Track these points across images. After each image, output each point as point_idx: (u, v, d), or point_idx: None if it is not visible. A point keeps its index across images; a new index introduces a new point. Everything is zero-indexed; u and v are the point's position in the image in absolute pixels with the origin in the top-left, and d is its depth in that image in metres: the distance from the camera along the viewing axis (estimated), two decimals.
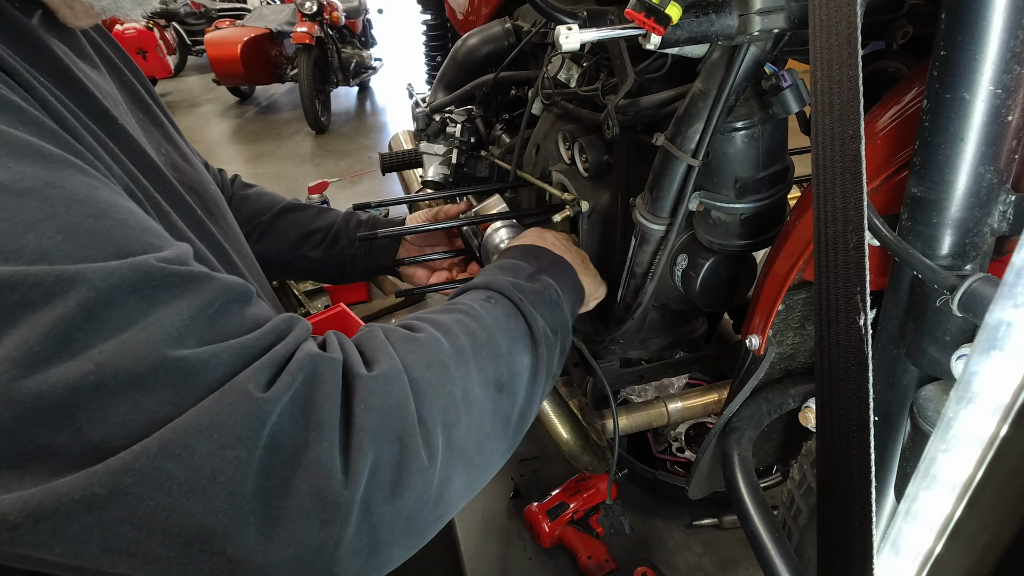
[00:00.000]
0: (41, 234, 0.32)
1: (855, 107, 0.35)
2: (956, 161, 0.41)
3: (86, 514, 0.30)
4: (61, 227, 0.33)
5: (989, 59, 0.38)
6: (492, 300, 0.57)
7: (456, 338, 0.49)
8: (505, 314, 0.56)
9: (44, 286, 0.31)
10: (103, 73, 0.57)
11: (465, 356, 0.48)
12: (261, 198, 0.95)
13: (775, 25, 0.56)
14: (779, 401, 0.76)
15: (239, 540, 0.33)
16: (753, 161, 0.70)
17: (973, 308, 0.39)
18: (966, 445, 0.33)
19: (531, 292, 0.60)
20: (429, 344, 0.46)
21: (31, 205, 0.32)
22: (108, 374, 0.31)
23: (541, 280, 0.64)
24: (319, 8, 4.41)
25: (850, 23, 0.34)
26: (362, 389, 0.39)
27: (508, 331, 0.54)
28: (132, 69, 0.66)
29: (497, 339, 0.52)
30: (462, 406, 0.45)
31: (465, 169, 1.29)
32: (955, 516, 0.35)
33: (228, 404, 0.33)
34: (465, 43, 1.28)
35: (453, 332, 0.49)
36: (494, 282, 0.60)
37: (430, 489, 0.41)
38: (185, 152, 0.67)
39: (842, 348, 0.37)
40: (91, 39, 0.59)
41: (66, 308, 0.31)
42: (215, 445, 0.33)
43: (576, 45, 0.55)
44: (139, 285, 0.34)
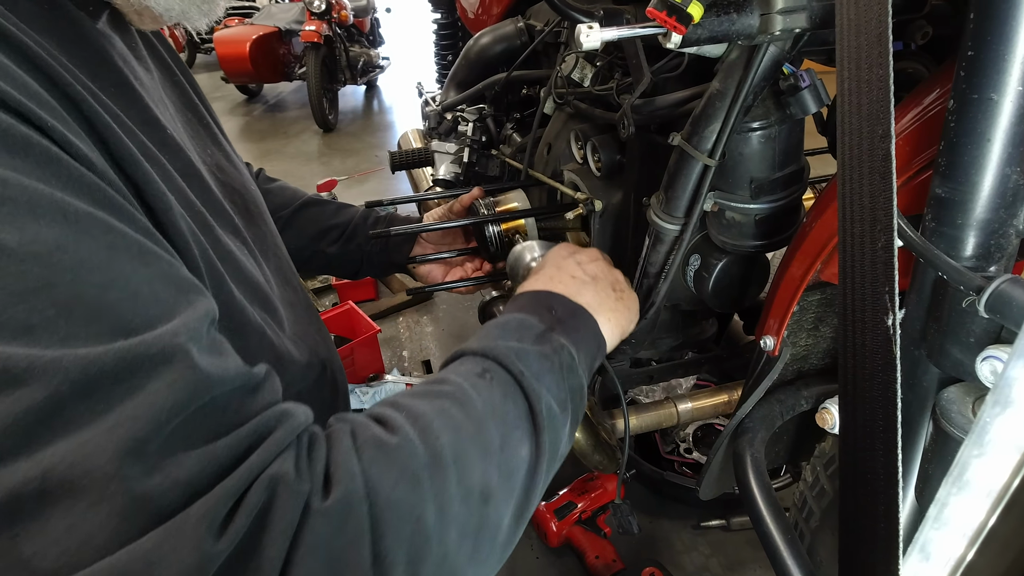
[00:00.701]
0: (32, 307, 0.29)
1: (886, 107, 0.35)
2: (982, 162, 0.41)
3: None
4: (58, 299, 0.30)
5: (1018, 60, 0.38)
6: (487, 376, 0.48)
7: (436, 439, 0.41)
8: (502, 393, 0.48)
9: (13, 372, 0.28)
10: (154, 76, 0.57)
11: (444, 464, 0.40)
12: (283, 192, 0.96)
13: (796, 25, 0.56)
14: (791, 402, 0.76)
15: None
16: (769, 162, 0.70)
17: (1000, 309, 0.39)
18: (1002, 451, 0.32)
19: (537, 359, 0.51)
20: (402, 451, 0.39)
21: (32, 272, 0.30)
22: (53, 482, 0.28)
23: (552, 341, 0.54)
24: (327, 7, 4.42)
25: (881, 22, 0.34)
26: (313, 526, 0.34)
27: (503, 417, 0.46)
28: (182, 67, 0.67)
29: (488, 431, 0.44)
30: (433, 532, 0.38)
31: (476, 168, 1.29)
32: (989, 523, 0.34)
33: (174, 548, 0.29)
34: (477, 42, 1.28)
35: (432, 430, 0.41)
36: (494, 349, 0.51)
37: None
38: (228, 152, 0.68)
39: (869, 348, 0.37)
40: (144, 36, 0.60)
41: (31, 401, 0.28)
42: None
43: (597, 44, 0.55)
44: (120, 376, 0.30)
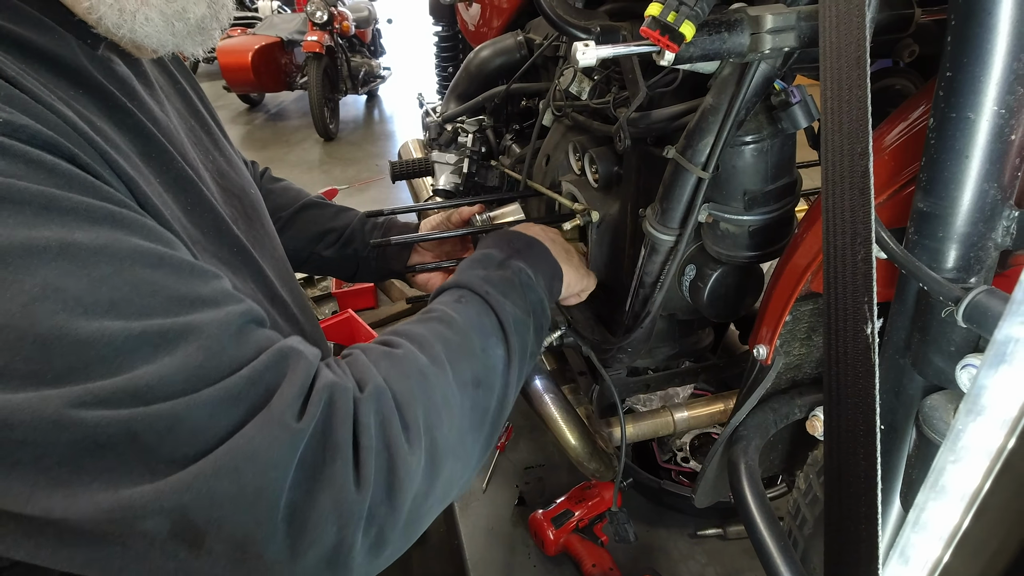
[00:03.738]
0: (112, 288, 0.37)
1: (864, 126, 0.36)
2: (961, 178, 0.43)
3: (154, 518, 0.36)
4: (127, 280, 0.38)
5: (993, 81, 0.40)
6: (463, 300, 0.62)
7: (431, 347, 0.53)
8: (476, 311, 0.61)
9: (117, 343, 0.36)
10: (156, 91, 0.59)
11: (441, 363, 0.53)
12: (286, 193, 0.98)
13: (785, 44, 0.58)
14: (785, 411, 0.77)
15: (274, 546, 0.38)
16: (762, 174, 0.71)
17: (977, 319, 0.40)
18: (974, 457, 0.34)
19: (500, 281, 0.64)
20: (407, 358, 0.51)
21: (104, 261, 0.38)
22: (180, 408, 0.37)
23: (511, 266, 0.68)
24: (329, 17, 4.46)
25: (859, 46, 0.36)
26: (361, 412, 0.44)
27: (480, 328, 0.59)
28: (184, 73, 0.69)
29: (471, 339, 0.57)
30: (443, 409, 0.50)
31: (476, 178, 1.31)
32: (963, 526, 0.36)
33: (270, 433, 0.39)
34: (478, 55, 1.30)
35: (428, 342, 0.54)
36: (464, 280, 0.65)
37: (420, 485, 0.46)
38: (230, 156, 0.70)
39: (850, 356, 0.38)
40: None
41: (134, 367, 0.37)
42: (260, 467, 0.38)
43: (593, 61, 0.57)
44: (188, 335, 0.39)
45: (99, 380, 0.35)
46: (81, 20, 0.48)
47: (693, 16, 0.53)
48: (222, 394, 0.38)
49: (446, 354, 0.54)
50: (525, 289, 0.66)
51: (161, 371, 0.37)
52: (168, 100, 0.62)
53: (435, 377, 0.51)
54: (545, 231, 0.81)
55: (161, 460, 0.36)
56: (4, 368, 0.34)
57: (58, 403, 0.34)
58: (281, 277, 0.66)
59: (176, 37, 0.51)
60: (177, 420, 0.37)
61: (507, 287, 0.64)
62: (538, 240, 0.75)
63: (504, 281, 0.65)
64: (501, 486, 1.56)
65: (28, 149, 0.38)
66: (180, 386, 0.37)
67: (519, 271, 0.67)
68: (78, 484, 0.35)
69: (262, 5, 5.48)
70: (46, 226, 0.36)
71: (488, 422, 0.56)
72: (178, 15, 0.49)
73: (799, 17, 0.58)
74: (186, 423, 0.37)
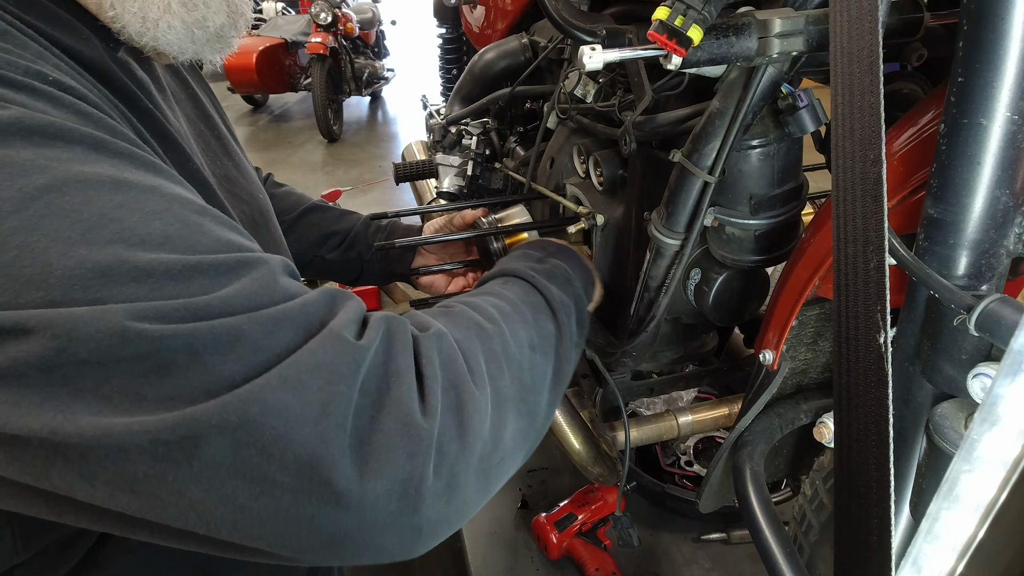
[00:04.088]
0: (165, 223, 0.38)
1: (876, 132, 0.36)
2: (973, 184, 0.42)
3: (220, 437, 0.35)
4: (178, 217, 0.39)
5: (1006, 86, 0.39)
6: (509, 282, 0.64)
7: (486, 310, 0.55)
8: (524, 290, 0.63)
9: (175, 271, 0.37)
10: (168, 96, 0.60)
11: (497, 322, 0.54)
12: (288, 197, 0.98)
13: (794, 48, 0.57)
14: (791, 416, 0.77)
15: (342, 470, 0.37)
16: (768, 179, 0.71)
17: (990, 328, 0.40)
18: (990, 467, 0.33)
19: (543, 271, 0.67)
20: (464, 314, 0.53)
21: (154, 199, 0.39)
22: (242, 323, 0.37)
23: (550, 262, 0.70)
24: (334, 19, 4.47)
25: (872, 51, 0.36)
26: (422, 345, 0.44)
27: (530, 304, 0.61)
28: (196, 77, 0.69)
29: (522, 310, 0.59)
30: (503, 360, 0.50)
31: (480, 181, 1.31)
32: (978, 537, 0.35)
33: (332, 347, 0.39)
34: (482, 57, 1.30)
35: (482, 306, 0.55)
36: (508, 268, 0.67)
37: (487, 429, 0.45)
38: (239, 162, 0.70)
39: (862, 365, 0.38)
40: None
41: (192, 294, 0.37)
42: (324, 381, 0.37)
43: (599, 65, 0.57)
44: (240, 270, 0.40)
45: (161, 300, 0.35)
46: (104, 25, 0.49)
47: (701, 20, 0.53)
48: (280, 315, 0.38)
49: (501, 317, 0.55)
50: (565, 282, 0.67)
51: (221, 296, 0.37)
52: (179, 105, 0.62)
53: (494, 331, 0.52)
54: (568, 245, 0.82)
55: (223, 380, 0.36)
56: (65, 296, 0.33)
57: (121, 315, 0.34)
58: None
59: (196, 44, 0.52)
60: (239, 335, 0.36)
61: (550, 276, 0.66)
62: (571, 248, 0.77)
63: (546, 272, 0.67)
64: (504, 489, 1.56)
65: (77, 102, 0.39)
66: (239, 306, 0.37)
67: (558, 266, 0.69)
68: (139, 410, 0.34)
69: (266, 7, 5.49)
70: (97, 163, 0.37)
71: (546, 387, 0.56)
72: (199, 24, 0.51)
73: (808, 21, 0.57)
74: (248, 338, 0.37)
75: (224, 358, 0.36)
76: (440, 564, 1.45)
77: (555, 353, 0.59)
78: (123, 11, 0.47)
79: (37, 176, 0.35)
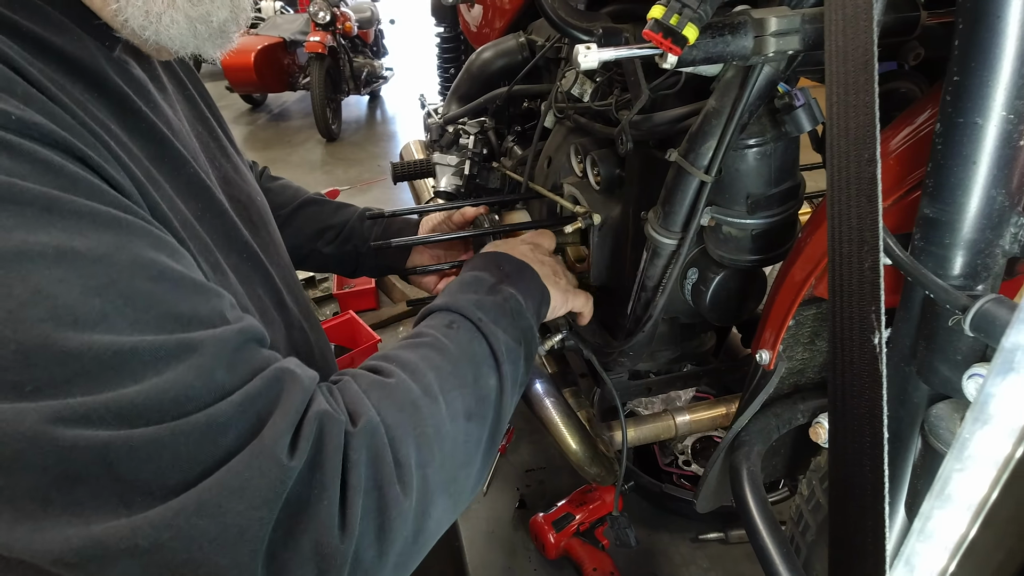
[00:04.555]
0: (106, 299, 0.35)
1: (871, 131, 0.36)
2: (968, 184, 0.42)
3: (129, 559, 0.33)
4: (123, 292, 0.36)
5: (1001, 86, 0.39)
6: (455, 326, 0.59)
7: (423, 376, 0.51)
8: (468, 338, 0.58)
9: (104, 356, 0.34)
10: (168, 95, 0.60)
11: (433, 394, 0.51)
12: (285, 191, 0.98)
13: (789, 47, 0.57)
14: (788, 416, 0.77)
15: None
16: (765, 178, 0.71)
17: (985, 328, 0.39)
18: (981, 466, 0.33)
19: (492, 307, 0.62)
20: (399, 389, 0.49)
21: (101, 271, 0.36)
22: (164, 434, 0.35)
23: (502, 291, 0.66)
24: (332, 18, 4.46)
25: (867, 50, 0.35)
26: (351, 447, 0.42)
27: (472, 357, 0.57)
28: (194, 80, 0.69)
29: (462, 369, 0.55)
30: (435, 443, 0.48)
31: (477, 180, 1.30)
32: (969, 535, 0.35)
33: (259, 468, 0.36)
34: (479, 56, 1.29)
35: (420, 371, 0.52)
36: (454, 303, 0.62)
37: (409, 526, 0.44)
38: (236, 163, 0.70)
39: (856, 366, 0.37)
40: None
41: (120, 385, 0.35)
42: (245, 506, 0.35)
43: (594, 64, 0.56)
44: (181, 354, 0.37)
45: (81, 396, 0.33)
46: (102, 23, 0.48)
47: (696, 19, 0.53)
48: (210, 421, 0.36)
49: (439, 384, 0.52)
50: (516, 316, 0.64)
51: (148, 391, 0.35)
52: (178, 105, 0.62)
53: (428, 408, 0.49)
54: (535, 251, 0.79)
55: (138, 492, 0.34)
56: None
57: (35, 417, 0.32)
58: (287, 283, 0.67)
59: (198, 40, 0.51)
60: (160, 447, 0.34)
61: (498, 314, 0.62)
62: (528, 265, 0.73)
63: (496, 307, 0.63)
64: (502, 489, 1.56)
65: (36, 148, 0.37)
66: (167, 409, 0.35)
67: (510, 297, 0.65)
68: (45, 518, 0.33)
69: (265, 5, 5.48)
70: (45, 230, 0.35)
71: (479, 455, 0.54)
72: (202, 18, 0.50)
73: (803, 20, 0.57)
74: (168, 451, 0.35)
75: (140, 470, 0.34)
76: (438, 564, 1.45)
77: (493, 411, 0.57)
78: (127, 4, 0.46)
79: None
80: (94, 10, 0.47)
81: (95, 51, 0.48)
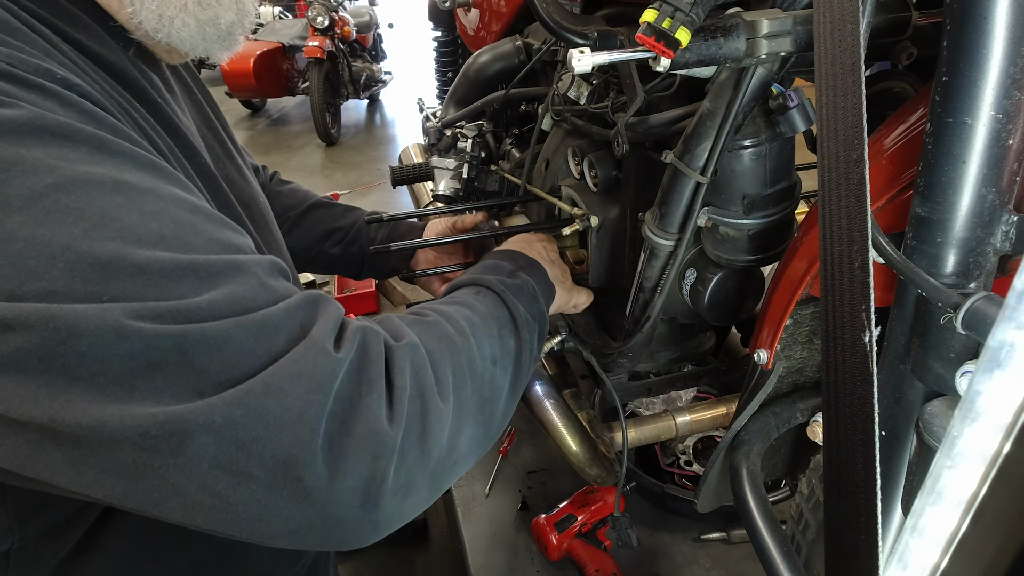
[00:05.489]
0: (160, 223, 0.40)
1: (859, 133, 0.36)
2: (959, 183, 0.43)
3: (205, 434, 0.37)
4: (172, 218, 0.41)
5: (990, 85, 0.40)
6: (481, 294, 0.66)
7: (457, 321, 0.57)
8: (493, 303, 0.65)
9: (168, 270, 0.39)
10: (177, 97, 0.63)
11: (466, 335, 0.56)
12: (294, 194, 1.01)
13: (782, 48, 0.58)
14: (787, 415, 0.77)
15: (314, 470, 0.39)
16: (760, 178, 0.71)
17: (976, 326, 0.40)
18: (970, 462, 0.34)
19: (512, 286, 0.69)
20: (436, 325, 0.55)
21: (151, 200, 0.41)
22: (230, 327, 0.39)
23: (520, 277, 0.72)
24: (331, 23, 4.48)
25: (854, 52, 0.36)
26: (396, 355, 0.47)
27: (496, 318, 0.63)
28: (199, 85, 0.72)
29: (489, 323, 0.61)
30: (467, 372, 0.53)
31: (476, 183, 1.31)
32: (960, 531, 0.35)
33: (312, 358, 0.41)
34: (476, 60, 1.30)
35: (454, 317, 0.58)
36: (480, 279, 0.69)
37: (446, 437, 0.48)
38: (239, 165, 0.73)
39: (848, 364, 0.38)
40: None
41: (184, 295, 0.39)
42: (303, 390, 0.40)
43: (589, 67, 0.57)
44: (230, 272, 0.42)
45: (153, 301, 0.37)
46: (118, 25, 0.52)
47: (688, 22, 0.53)
48: (264, 320, 0.40)
49: (470, 329, 0.57)
50: (531, 299, 0.70)
51: (210, 299, 0.39)
52: (185, 108, 0.64)
53: (462, 344, 0.54)
54: (545, 251, 0.84)
55: (210, 381, 0.38)
56: (66, 287, 0.36)
57: (119, 313, 0.36)
58: None
59: (207, 42, 0.55)
60: (227, 339, 0.38)
61: (517, 292, 0.68)
62: (539, 262, 0.79)
63: (515, 287, 0.69)
64: (504, 491, 1.56)
65: (82, 101, 0.42)
66: (227, 310, 0.39)
67: (526, 282, 0.71)
68: (131, 401, 0.36)
69: (263, 11, 5.50)
70: (100, 163, 0.40)
71: (503, 400, 0.59)
72: (211, 21, 0.54)
73: (795, 22, 0.57)
74: (234, 343, 0.39)
75: (211, 360, 0.38)
76: (441, 566, 1.45)
77: (514, 367, 0.62)
78: (141, 8, 0.50)
79: (45, 175, 0.37)
80: (111, 13, 0.51)
81: (115, 47, 0.51)
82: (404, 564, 1.42)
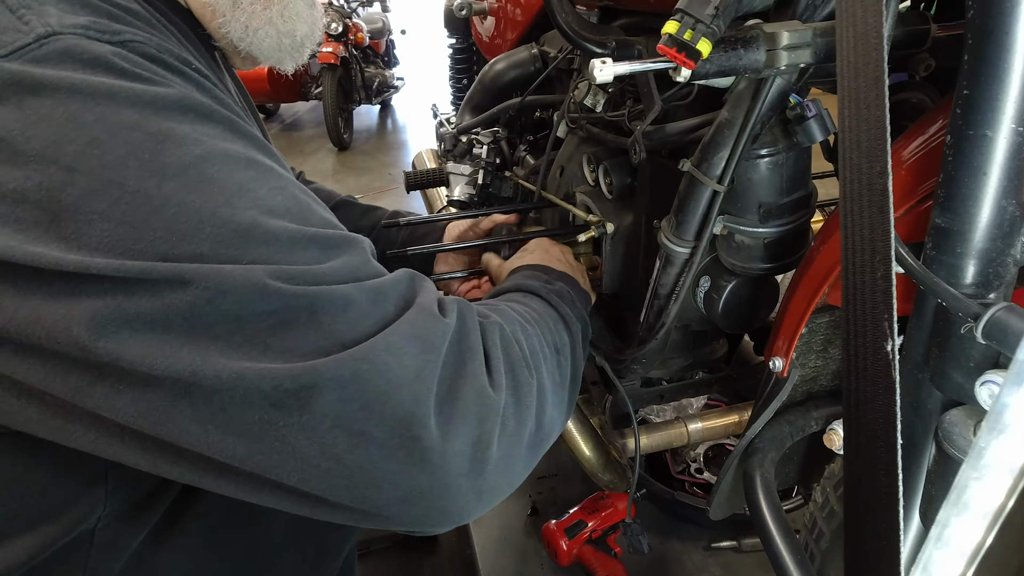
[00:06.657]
0: (285, 198, 0.44)
1: (882, 146, 0.37)
2: (979, 194, 0.43)
3: (332, 390, 0.39)
4: (292, 195, 0.45)
5: (1011, 98, 0.40)
6: (527, 296, 0.68)
7: (521, 314, 0.60)
8: (542, 305, 0.67)
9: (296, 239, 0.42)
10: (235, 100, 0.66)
11: (532, 322, 0.59)
12: (319, 193, 1.01)
13: (801, 60, 0.58)
14: (801, 423, 0.77)
15: (430, 429, 0.41)
16: (777, 187, 0.72)
17: (996, 336, 0.40)
18: (997, 474, 0.34)
19: (554, 291, 0.71)
20: (509, 312, 0.58)
21: (275, 178, 0.44)
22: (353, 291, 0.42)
23: (557, 284, 0.74)
24: (344, 29, 4.52)
25: (877, 66, 0.36)
26: (486, 330, 0.50)
27: (548, 315, 0.66)
28: (245, 98, 0.75)
29: (545, 319, 0.64)
30: (540, 355, 0.56)
31: (490, 189, 1.32)
32: (986, 543, 0.36)
33: (425, 320, 0.44)
34: (492, 68, 1.31)
35: (517, 310, 0.61)
36: (522, 285, 0.71)
37: (535, 411, 0.50)
38: None
39: (870, 373, 0.38)
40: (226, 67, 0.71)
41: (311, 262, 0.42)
42: (419, 349, 0.42)
43: (610, 78, 0.58)
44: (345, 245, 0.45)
45: (284, 264, 0.40)
46: (206, 33, 0.56)
47: (710, 33, 0.54)
48: (377, 287, 0.44)
49: (533, 319, 0.60)
50: (571, 305, 0.72)
51: (333, 266, 0.42)
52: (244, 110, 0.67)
53: (532, 330, 0.57)
54: (566, 256, 0.86)
55: (335, 340, 0.40)
56: (211, 250, 0.38)
57: (261, 274, 0.39)
58: None
59: (282, 52, 0.59)
60: (351, 301, 0.41)
61: (559, 296, 0.71)
62: (568, 274, 0.81)
63: (556, 292, 0.71)
64: (514, 496, 1.56)
65: (213, 87, 0.46)
66: (347, 277, 0.42)
67: (563, 289, 0.74)
68: (264, 358, 0.38)
69: None
70: (235, 142, 0.44)
71: (564, 388, 0.60)
72: (288, 33, 0.58)
73: (815, 34, 0.58)
74: (357, 305, 0.41)
75: (337, 320, 0.40)
76: (451, 571, 1.45)
77: (570, 361, 0.64)
78: (231, 19, 0.54)
79: (193, 147, 0.40)
80: (203, 22, 0.55)
81: (205, 52, 0.55)
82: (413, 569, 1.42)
